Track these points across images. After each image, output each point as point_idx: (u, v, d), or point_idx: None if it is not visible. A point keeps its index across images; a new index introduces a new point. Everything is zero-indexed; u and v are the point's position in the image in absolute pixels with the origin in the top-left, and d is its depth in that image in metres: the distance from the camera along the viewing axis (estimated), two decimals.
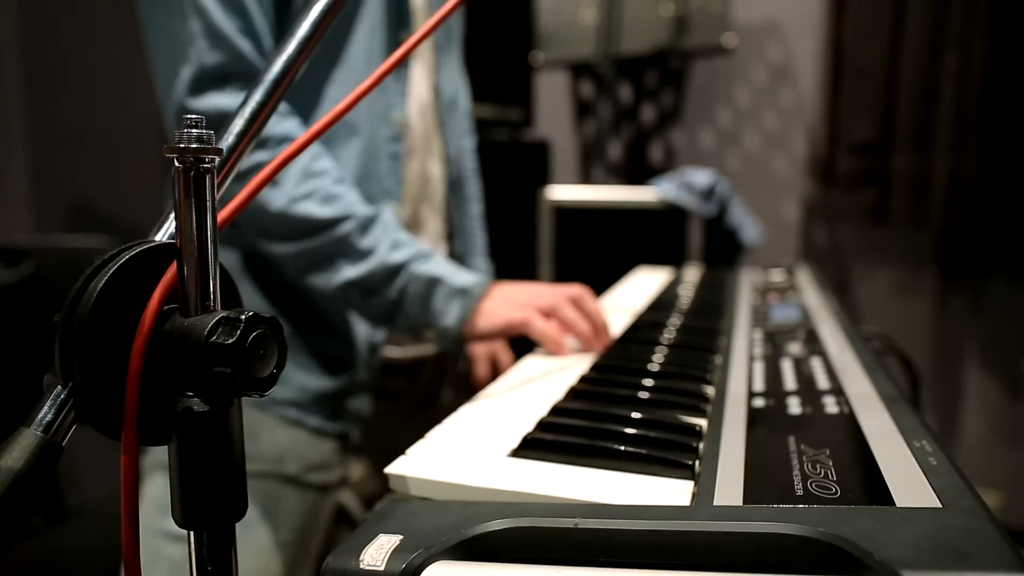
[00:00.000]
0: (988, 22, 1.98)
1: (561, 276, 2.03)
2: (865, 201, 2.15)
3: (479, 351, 1.31)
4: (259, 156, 0.78)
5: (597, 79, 2.29)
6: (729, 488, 0.39)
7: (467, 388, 1.24)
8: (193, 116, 0.36)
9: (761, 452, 0.44)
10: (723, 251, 1.99)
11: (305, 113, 0.87)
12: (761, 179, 2.36)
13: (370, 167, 0.91)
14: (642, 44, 2.25)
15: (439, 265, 0.82)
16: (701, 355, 0.69)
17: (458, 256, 1.11)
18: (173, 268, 0.37)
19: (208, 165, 0.36)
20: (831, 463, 0.41)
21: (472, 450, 0.47)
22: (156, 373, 0.36)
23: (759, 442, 0.45)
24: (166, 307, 0.37)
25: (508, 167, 2.17)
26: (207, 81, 0.77)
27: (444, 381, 1.19)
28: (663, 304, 0.97)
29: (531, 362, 0.73)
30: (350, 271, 0.80)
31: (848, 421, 0.48)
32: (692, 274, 1.28)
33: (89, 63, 2.44)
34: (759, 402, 0.54)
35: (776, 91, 2.33)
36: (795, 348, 0.69)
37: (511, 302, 0.79)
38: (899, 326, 2.19)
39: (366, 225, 0.81)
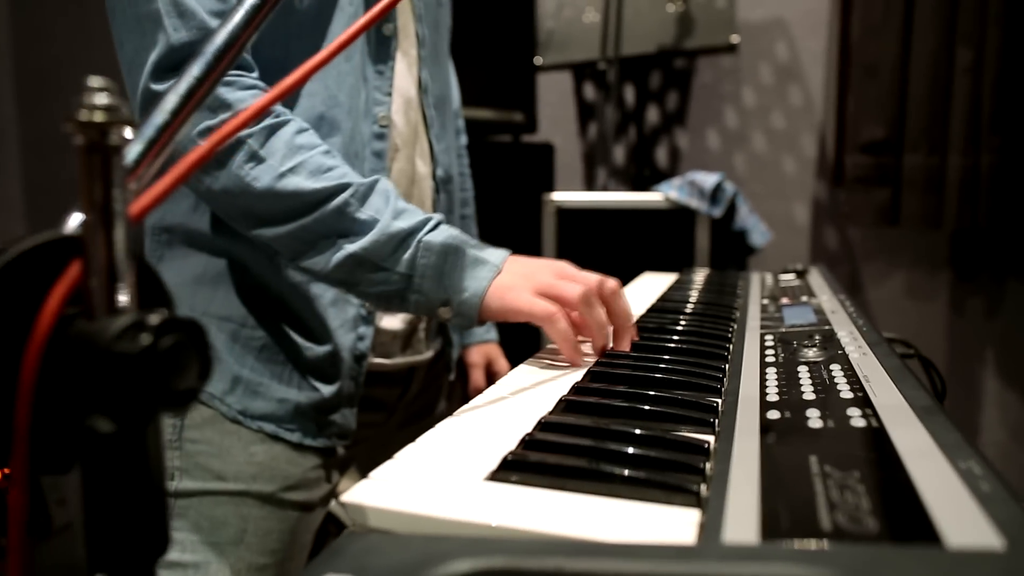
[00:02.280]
0: (1001, 15, 1.92)
1: None
2: (876, 202, 2.08)
3: (475, 358, 1.25)
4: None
5: (600, 81, 2.23)
6: (741, 519, 0.33)
7: (464, 397, 1.17)
8: (98, 80, 0.30)
9: (778, 474, 0.38)
10: (731, 254, 1.93)
11: (286, 109, 0.82)
12: (769, 181, 2.30)
13: (352, 166, 0.86)
14: (646, 44, 2.19)
15: (451, 233, 0.74)
16: (708, 362, 0.63)
17: None
18: (78, 265, 0.31)
19: (116, 141, 0.30)
20: (862, 488, 0.35)
21: (445, 473, 0.41)
22: (55, 388, 0.30)
23: (776, 462, 0.39)
24: (70, 310, 0.31)
25: (511, 170, 2.12)
26: (174, 62, 0.71)
27: (440, 390, 1.13)
28: (667, 308, 0.91)
29: (525, 370, 0.67)
30: (351, 246, 0.72)
31: (878, 437, 0.42)
32: (698, 277, 1.22)
33: (82, 69, 2.39)
34: (774, 414, 0.47)
35: (783, 91, 2.27)
36: (811, 353, 0.63)
37: (533, 283, 0.71)
38: (913, 331, 2.11)
39: (364, 194, 0.73)
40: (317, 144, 0.75)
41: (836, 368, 0.57)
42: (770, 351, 0.66)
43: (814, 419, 0.46)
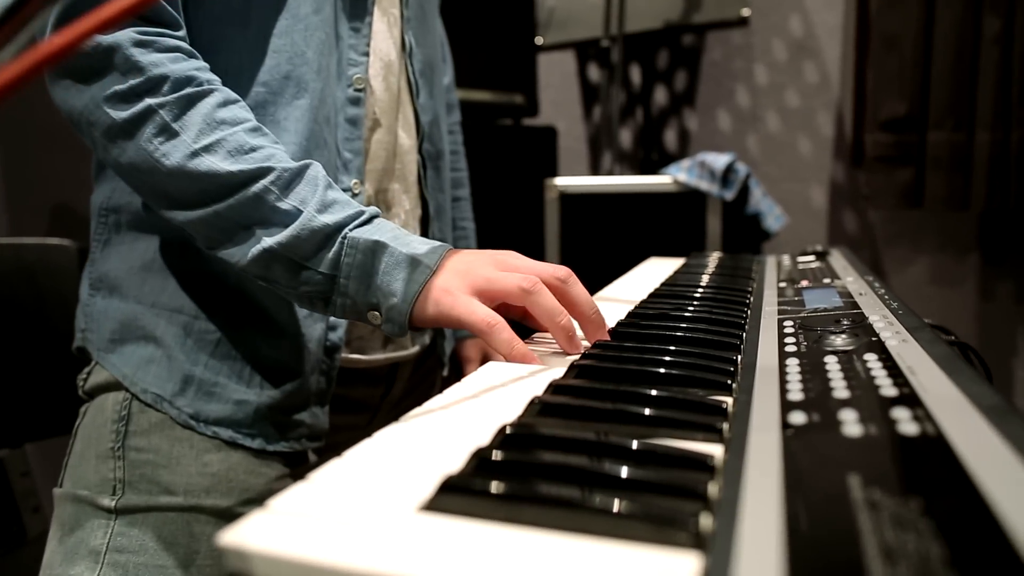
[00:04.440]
0: None
1: None
2: (899, 183, 1.96)
3: (470, 353, 1.16)
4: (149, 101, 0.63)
5: (604, 61, 2.13)
6: (758, 572, 0.24)
7: None
8: None
9: (808, 503, 0.28)
10: (744, 240, 1.82)
11: (247, 68, 0.73)
12: (784, 162, 2.19)
13: (322, 134, 0.76)
14: (652, 20, 2.09)
15: (383, 229, 0.65)
16: (717, 352, 0.53)
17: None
18: None
19: None
20: (928, 525, 0.25)
21: (369, 502, 0.31)
22: None
23: (803, 484, 0.30)
24: None
25: (512, 155, 2.03)
26: (79, 9, 0.62)
27: (432, 388, 1.04)
28: (671, 292, 0.81)
29: (501, 364, 0.58)
30: (269, 240, 0.63)
31: (938, 447, 0.32)
32: (708, 260, 1.12)
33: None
34: (798, 417, 0.38)
35: (798, 67, 2.16)
36: (840, 340, 0.53)
37: (470, 281, 0.61)
38: (939, 318, 1.99)
39: (289, 181, 0.64)
40: (243, 120, 0.66)
41: (872, 358, 0.47)
42: (790, 339, 0.56)
43: (850, 423, 0.36)
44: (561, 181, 1.86)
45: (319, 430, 0.79)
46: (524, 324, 0.66)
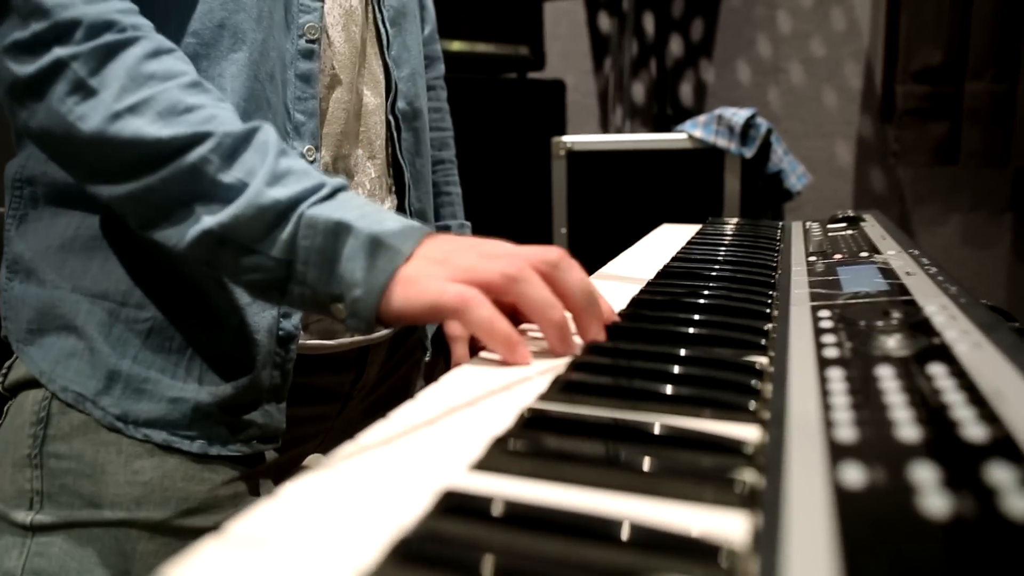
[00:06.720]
0: None
1: (577, 234, 1.76)
2: (932, 138, 1.83)
3: (456, 330, 1.06)
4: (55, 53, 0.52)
5: (616, 9, 1.99)
6: None
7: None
8: None
9: None
10: (765, 200, 1.71)
11: (176, 15, 0.62)
12: (808, 117, 2.05)
13: (264, 93, 0.65)
14: None
15: (348, 205, 0.54)
16: (736, 352, 0.42)
17: (416, 214, 0.85)
18: None
19: None
20: None
21: (299, 567, 0.21)
22: None
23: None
24: None
25: (516, 111, 1.91)
26: None
27: (413, 370, 0.94)
28: (683, 270, 0.70)
29: (482, 363, 0.47)
30: (210, 219, 0.53)
31: None
32: (725, 228, 1.01)
33: None
34: (854, 475, 0.27)
35: (824, 13, 2.01)
36: (892, 342, 0.42)
37: (449, 269, 0.51)
38: (971, 281, 1.88)
39: (233, 148, 0.53)
40: (178, 73, 0.54)
41: (939, 372, 0.36)
42: (829, 338, 0.45)
43: (929, 492, 0.25)
44: (569, 139, 1.75)
45: (274, 430, 0.69)
46: (517, 319, 0.56)
